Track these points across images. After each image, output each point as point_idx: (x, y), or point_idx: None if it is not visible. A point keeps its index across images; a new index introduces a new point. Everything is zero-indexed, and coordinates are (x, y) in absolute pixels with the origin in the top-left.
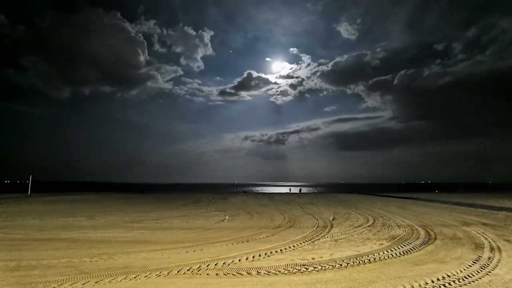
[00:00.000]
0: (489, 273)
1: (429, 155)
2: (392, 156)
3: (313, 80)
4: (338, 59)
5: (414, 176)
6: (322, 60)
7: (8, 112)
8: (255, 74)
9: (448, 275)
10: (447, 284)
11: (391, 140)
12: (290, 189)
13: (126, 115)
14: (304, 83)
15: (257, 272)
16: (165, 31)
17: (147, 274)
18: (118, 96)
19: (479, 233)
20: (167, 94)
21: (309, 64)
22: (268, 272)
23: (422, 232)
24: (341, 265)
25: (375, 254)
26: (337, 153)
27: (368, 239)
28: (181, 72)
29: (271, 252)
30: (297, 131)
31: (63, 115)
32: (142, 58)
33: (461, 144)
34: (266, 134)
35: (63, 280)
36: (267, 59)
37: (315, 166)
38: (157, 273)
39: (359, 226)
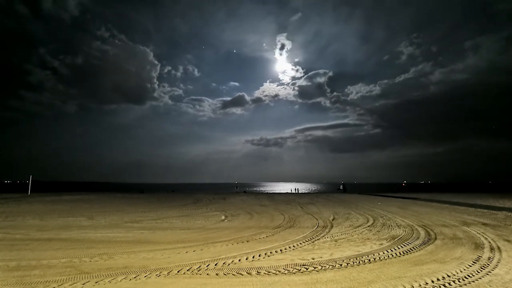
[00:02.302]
0: (489, 273)
1: (407, 156)
2: (384, 158)
3: (292, 93)
4: (304, 78)
5: (412, 177)
6: (286, 78)
7: (23, 123)
8: (246, 93)
9: (448, 275)
10: (447, 284)
11: (379, 144)
12: (297, 189)
13: (133, 124)
14: (285, 95)
15: (257, 272)
16: (164, 60)
17: (147, 274)
18: (126, 109)
19: (479, 233)
20: (171, 108)
21: (286, 78)
22: (268, 272)
23: (422, 232)
24: (341, 265)
25: (375, 254)
26: (335, 155)
27: (368, 239)
28: (182, 93)
29: (271, 252)
30: (294, 136)
31: (74, 125)
32: (151, 79)
33: (429, 149)
34: (265, 138)
35: (63, 280)
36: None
37: (314, 167)
38: (157, 273)
39: (359, 226)
